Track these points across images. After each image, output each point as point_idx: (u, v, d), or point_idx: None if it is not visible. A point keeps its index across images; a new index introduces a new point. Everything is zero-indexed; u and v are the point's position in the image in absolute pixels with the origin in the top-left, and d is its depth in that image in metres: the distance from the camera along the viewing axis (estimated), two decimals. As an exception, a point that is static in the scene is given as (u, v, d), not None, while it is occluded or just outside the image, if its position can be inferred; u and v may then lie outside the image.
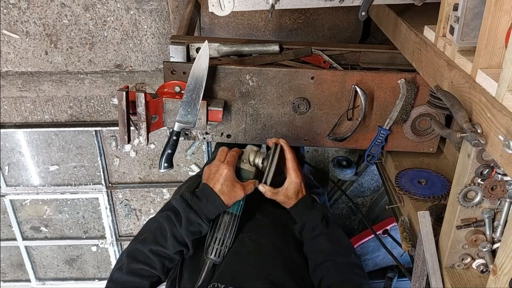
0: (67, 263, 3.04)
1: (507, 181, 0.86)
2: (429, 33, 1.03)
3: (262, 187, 1.11)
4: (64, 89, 2.31)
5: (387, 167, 1.50)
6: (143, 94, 1.15)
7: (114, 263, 2.95)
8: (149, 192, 2.74)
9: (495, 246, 0.93)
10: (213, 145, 2.44)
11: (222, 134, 1.39)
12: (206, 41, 1.21)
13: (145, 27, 2.14)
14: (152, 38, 2.17)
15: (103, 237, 2.90)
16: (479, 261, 0.97)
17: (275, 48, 1.32)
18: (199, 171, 1.62)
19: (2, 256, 2.99)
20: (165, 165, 1.23)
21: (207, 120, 1.27)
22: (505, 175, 0.85)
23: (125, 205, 2.78)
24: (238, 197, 1.06)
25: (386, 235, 2.09)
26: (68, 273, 3.09)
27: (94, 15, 2.10)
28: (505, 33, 0.74)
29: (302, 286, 1.03)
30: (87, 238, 2.91)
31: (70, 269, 3.07)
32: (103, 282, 3.07)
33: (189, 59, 1.33)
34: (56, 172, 2.64)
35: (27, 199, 2.75)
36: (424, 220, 1.02)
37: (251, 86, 1.31)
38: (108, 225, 2.82)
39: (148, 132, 1.19)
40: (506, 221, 0.89)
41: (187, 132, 1.38)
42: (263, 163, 1.11)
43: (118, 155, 2.60)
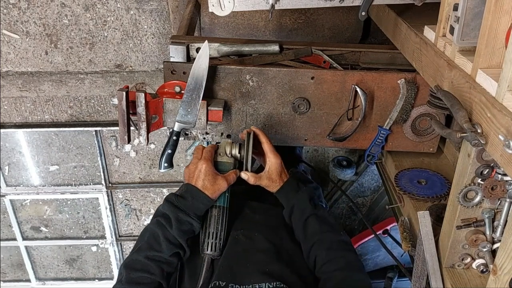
0: (67, 263, 3.04)
1: (507, 181, 0.86)
2: (429, 33, 1.03)
3: (245, 174, 1.12)
4: (64, 89, 2.31)
5: (387, 167, 1.50)
6: (143, 94, 1.15)
7: (114, 263, 2.98)
8: (149, 192, 2.74)
9: (495, 246, 0.93)
10: (213, 145, 2.44)
11: (222, 134, 1.39)
12: (206, 41, 1.21)
13: (145, 27, 2.14)
14: (152, 38, 2.17)
15: (103, 237, 2.90)
16: (479, 261, 0.97)
17: (275, 48, 1.32)
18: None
19: (2, 256, 2.99)
20: (165, 165, 1.23)
21: (207, 120, 1.27)
22: (505, 175, 0.85)
23: (125, 205, 2.78)
24: (222, 188, 1.08)
25: (386, 235, 2.09)
26: (68, 273, 3.09)
27: (94, 15, 2.10)
28: (505, 33, 0.74)
29: (299, 274, 1.04)
30: (87, 238, 2.91)
31: (70, 269, 3.07)
32: (103, 282, 3.08)
33: (189, 59, 1.33)
34: (56, 172, 2.64)
35: (27, 199, 2.75)
36: (424, 220, 1.02)
37: (251, 86, 1.31)
38: (108, 225, 2.82)
39: (148, 132, 1.19)
40: (506, 221, 0.89)
41: (187, 132, 1.38)
42: (240, 152, 1.13)
43: (118, 155, 2.60)
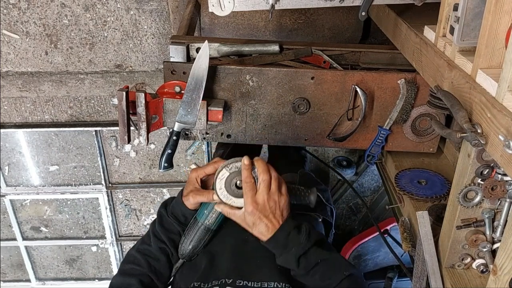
0: (67, 263, 3.04)
1: (507, 181, 0.86)
2: (429, 33, 1.03)
3: (217, 206, 1.06)
4: (64, 89, 2.31)
5: (387, 167, 1.50)
6: (143, 94, 1.15)
7: (114, 263, 2.98)
8: (149, 192, 2.74)
9: (495, 246, 0.93)
10: (213, 145, 2.44)
11: (222, 134, 1.39)
12: (206, 41, 1.21)
13: (145, 27, 2.14)
14: (152, 38, 2.17)
15: (103, 237, 2.90)
16: (479, 261, 0.97)
17: (275, 48, 1.32)
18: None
19: (2, 256, 2.99)
20: (165, 165, 1.23)
21: (207, 120, 1.27)
22: (505, 175, 0.85)
23: (125, 205, 2.78)
24: (194, 200, 1.07)
25: (386, 235, 2.08)
26: (68, 273, 3.09)
27: (94, 15, 2.10)
28: (505, 33, 0.74)
29: None
30: (87, 238, 2.91)
31: (70, 269, 3.07)
32: (103, 282, 3.09)
33: (189, 59, 1.33)
34: (56, 172, 2.64)
35: (27, 199, 2.75)
36: (423, 220, 1.02)
37: (251, 86, 1.31)
38: (108, 225, 2.82)
39: (148, 132, 1.19)
40: (506, 221, 0.89)
41: (187, 132, 1.38)
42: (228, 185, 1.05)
43: (118, 155, 2.60)
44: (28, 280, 3.06)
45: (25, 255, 2.93)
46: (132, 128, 1.18)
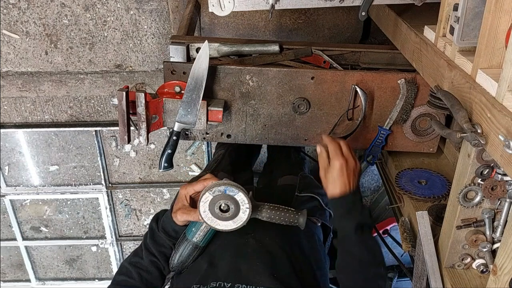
0: (67, 263, 3.04)
1: (507, 181, 0.86)
2: (429, 33, 1.03)
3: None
4: (64, 89, 2.31)
5: (387, 167, 1.50)
6: (143, 94, 1.15)
7: (114, 263, 2.98)
8: (149, 192, 2.74)
9: (495, 246, 0.93)
10: (213, 145, 2.44)
11: (222, 134, 1.39)
12: (206, 41, 1.21)
13: (145, 27, 2.14)
14: (152, 38, 2.17)
15: (103, 237, 2.90)
16: (479, 261, 0.97)
17: (275, 48, 1.32)
18: (199, 174, 1.62)
19: (2, 256, 2.99)
20: (165, 165, 1.23)
21: (207, 120, 1.27)
22: (505, 175, 0.85)
23: (125, 205, 2.78)
24: (182, 218, 1.07)
25: (386, 235, 2.08)
26: (68, 273, 3.09)
27: (94, 15, 2.10)
28: (505, 33, 0.74)
29: (307, 285, 1.03)
30: (87, 238, 2.91)
31: (70, 269, 3.07)
32: (103, 282, 3.08)
33: (189, 59, 1.33)
34: (56, 172, 2.64)
35: (27, 199, 2.75)
36: (423, 220, 1.02)
37: (251, 86, 1.31)
38: (108, 225, 2.82)
39: (148, 132, 1.19)
40: (506, 221, 0.89)
41: (187, 132, 1.38)
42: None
43: (118, 155, 2.59)
44: (28, 280, 3.06)
45: (25, 255, 2.93)
46: (132, 128, 1.18)
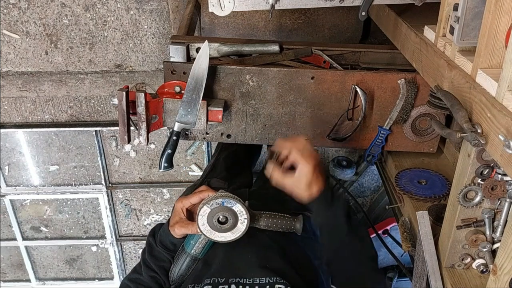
0: (67, 263, 3.04)
1: (507, 181, 0.86)
2: (429, 33, 1.03)
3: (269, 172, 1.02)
4: (64, 89, 2.31)
5: (387, 167, 1.50)
6: (143, 94, 1.15)
7: (114, 263, 2.97)
8: (149, 192, 2.74)
9: (495, 246, 0.93)
10: (213, 145, 2.44)
11: (222, 134, 1.39)
12: (206, 41, 1.21)
13: (145, 27, 2.14)
14: (152, 38, 2.17)
15: (103, 237, 2.90)
16: (479, 261, 0.97)
17: (275, 48, 1.32)
18: (193, 183, 1.62)
19: (2, 256, 2.99)
20: (165, 165, 1.23)
21: (207, 120, 1.27)
22: (505, 175, 0.85)
23: (125, 205, 2.78)
24: (179, 232, 1.07)
25: (386, 235, 2.09)
26: (68, 273, 3.09)
27: (94, 15, 2.10)
28: (505, 33, 0.74)
29: (301, 274, 1.03)
30: (87, 238, 2.91)
31: (70, 269, 3.07)
32: (103, 282, 3.08)
33: (189, 59, 1.33)
34: (56, 172, 2.64)
35: (27, 199, 2.75)
36: (423, 220, 1.02)
37: (251, 86, 1.31)
38: (108, 225, 2.82)
39: (148, 132, 1.19)
40: (506, 221, 0.89)
41: (187, 132, 1.38)
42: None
43: (118, 155, 2.59)
44: (28, 280, 3.06)
45: (25, 255, 2.93)
46: (132, 128, 1.18)
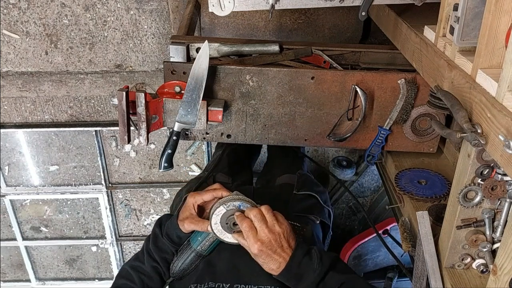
0: (67, 263, 3.04)
1: (507, 181, 0.86)
2: (429, 33, 1.03)
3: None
4: (64, 89, 2.31)
5: (387, 167, 1.50)
6: (143, 94, 1.15)
7: (114, 263, 2.98)
8: (149, 192, 2.74)
9: (495, 246, 0.93)
10: (213, 145, 2.44)
11: (222, 134, 1.39)
12: (206, 41, 1.21)
13: (145, 27, 2.14)
14: (152, 38, 2.17)
15: (103, 237, 2.90)
16: (479, 261, 0.97)
17: (275, 48, 1.32)
18: (198, 175, 1.62)
19: (2, 256, 2.99)
20: (165, 165, 1.23)
21: (207, 120, 1.27)
22: (505, 175, 0.85)
23: (125, 205, 2.78)
24: (189, 227, 1.06)
25: (386, 235, 2.08)
26: (68, 273, 3.09)
27: (94, 15, 2.10)
28: (505, 33, 0.74)
29: None
30: (87, 238, 2.91)
31: (70, 269, 3.07)
32: (103, 282, 3.08)
33: (189, 59, 1.33)
34: (56, 172, 2.64)
35: (27, 199, 2.75)
36: (423, 220, 1.02)
37: (251, 86, 1.31)
38: (108, 225, 2.82)
39: (148, 132, 1.19)
40: (506, 221, 0.89)
41: (187, 132, 1.38)
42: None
43: (118, 155, 2.59)
44: (28, 280, 3.06)
45: (25, 255, 2.93)
46: (132, 128, 1.18)
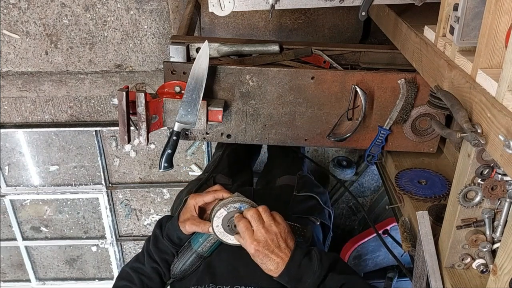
0: (67, 263, 3.04)
1: (507, 181, 0.86)
2: (429, 33, 1.03)
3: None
4: (64, 89, 2.31)
5: (387, 167, 1.50)
6: (143, 94, 1.15)
7: (114, 263, 2.98)
8: (149, 192, 2.74)
9: (495, 246, 0.93)
10: (213, 145, 2.44)
11: (222, 134, 1.39)
12: (206, 41, 1.21)
13: (145, 27, 2.14)
14: (152, 38, 2.17)
15: (103, 237, 2.90)
16: (479, 261, 0.97)
17: (275, 48, 1.32)
18: (199, 174, 1.62)
19: (2, 256, 2.99)
20: (165, 165, 1.23)
21: (207, 120, 1.27)
22: (505, 175, 0.85)
23: (125, 205, 2.78)
24: (190, 229, 1.06)
25: (386, 235, 2.08)
26: (68, 273, 3.09)
27: (94, 15, 2.10)
28: (505, 33, 0.74)
29: None
30: (87, 238, 2.91)
31: (70, 269, 3.07)
32: (103, 282, 3.08)
33: (189, 59, 1.33)
34: (56, 172, 2.64)
35: (27, 199, 2.75)
36: (423, 220, 1.02)
37: (251, 86, 1.31)
38: (108, 225, 2.82)
39: (148, 132, 1.19)
40: (506, 221, 0.89)
41: (187, 132, 1.38)
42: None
43: (118, 155, 2.60)
44: (28, 280, 3.06)
45: (25, 255, 2.93)
46: (132, 128, 1.18)
